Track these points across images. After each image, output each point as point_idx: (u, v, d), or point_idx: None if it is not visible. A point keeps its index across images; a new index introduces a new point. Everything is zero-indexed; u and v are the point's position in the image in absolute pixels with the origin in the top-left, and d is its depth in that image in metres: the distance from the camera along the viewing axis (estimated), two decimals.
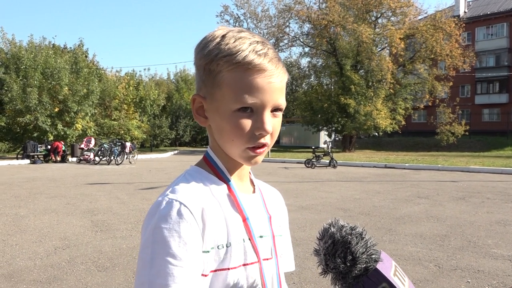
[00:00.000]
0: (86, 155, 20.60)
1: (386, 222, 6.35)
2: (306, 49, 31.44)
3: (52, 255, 4.69)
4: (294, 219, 6.51)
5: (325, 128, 29.60)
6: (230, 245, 0.74)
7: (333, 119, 27.39)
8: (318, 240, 0.72)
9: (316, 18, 26.74)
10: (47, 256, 4.68)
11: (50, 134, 22.57)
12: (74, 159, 21.55)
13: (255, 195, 0.85)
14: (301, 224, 6.21)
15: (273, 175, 13.75)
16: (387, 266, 0.69)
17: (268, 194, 0.90)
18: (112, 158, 19.37)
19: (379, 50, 29.23)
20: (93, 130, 25.53)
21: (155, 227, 0.68)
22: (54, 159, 20.61)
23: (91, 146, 21.56)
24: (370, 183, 11.42)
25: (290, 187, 10.58)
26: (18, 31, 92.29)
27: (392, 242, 5.22)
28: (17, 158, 20.62)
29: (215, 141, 0.80)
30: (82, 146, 21.67)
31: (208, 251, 0.71)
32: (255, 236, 0.78)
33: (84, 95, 23.67)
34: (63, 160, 20.86)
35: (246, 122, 0.73)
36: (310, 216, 6.83)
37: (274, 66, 0.74)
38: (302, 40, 30.66)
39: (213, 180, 0.79)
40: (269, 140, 0.76)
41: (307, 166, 16.92)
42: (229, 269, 0.73)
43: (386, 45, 28.60)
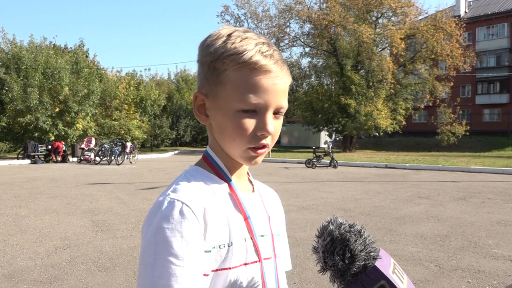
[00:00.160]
0: (87, 155, 20.61)
1: (386, 222, 6.35)
2: (307, 49, 31.45)
3: (52, 255, 4.69)
4: (295, 219, 6.51)
5: (325, 128, 29.61)
6: (232, 244, 0.73)
7: (333, 119, 27.40)
8: (316, 237, 0.72)
9: (316, 18, 26.74)
10: (48, 256, 4.68)
11: (51, 134, 22.60)
12: (75, 159, 21.56)
13: (255, 194, 0.85)
14: (301, 224, 6.21)
15: (273, 175, 13.75)
16: (386, 263, 0.69)
17: (265, 194, 0.90)
18: (112, 158, 19.38)
19: (380, 50, 29.23)
20: (93, 130, 25.54)
21: (157, 227, 0.67)
22: (55, 159, 20.63)
23: (92, 146, 21.57)
24: (370, 183, 11.42)
25: (291, 187, 10.58)
26: (18, 31, 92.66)
27: (392, 242, 5.22)
28: (17, 158, 20.65)
29: (215, 140, 0.79)
30: (83, 146, 21.69)
31: (209, 251, 0.71)
32: (257, 235, 0.78)
33: (84, 95, 23.69)
34: (64, 160, 20.89)
35: (249, 122, 0.73)
36: (311, 216, 6.83)
37: (279, 68, 0.74)
38: (302, 40, 30.66)
39: (213, 179, 0.78)
40: (270, 141, 0.76)
41: (308, 166, 16.92)
42: (230, 268, 0.73)
43: (387, 45, 28.59)
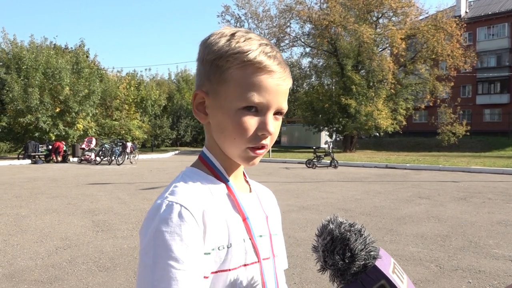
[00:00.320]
0: (87, 155, 20.61)
1: (387, 223, 6.35)
2: (307, 49, 31.45)
3: (53, 255, 4.70)
4: (295, 219, 6.51)
5: (326, 128, 29.61)
6: (231, 245, 0.73)
7: (334, 119, 27.40)
8: (316, 236, 0.72)
9: (317, 18, 26.74)
10: (48, 256, 4.68)
11: (52, 134, 22.62)
12: (75, 159, 21.57)
13: (252, 194, 0.85)
14: (302, 224, 6.21)
15: (274, 175, 13.75)
16: (386, 263, 0.69)
17: (262, 193, 0.90)
18: (113, 158, 19.38)
19: (380, 50, 29.22)
20: (94, 130, 25.56)
21: (156, 230, 0.66)
22: (55, 159, 20.64)
23: (92, 146, 21.57)
24: (371, 183, 11.41)
25: (291, 187, 10.58)
26: (19, 31, 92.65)
27: (393, 242, 5.22)
28: (18, 158, 20.66)
29: (213, 139, 0.79)
30: (83, 146, 21.69)
31: (209, 253, 0.70)
32: (255, 235, 0.77)
33: (85, 95, 23.71)
34: (64, 160, 20.90)
35: (250, 121, 0.73)
36: (311, 216, 6.83)
37: (283, 69, 0.75)
38: (303, 40, 30.66)
39: (211, 180, 0.78)
40: (269, 141, 0.76)
41: (308, 166, 16.91)
42: (229, 270, 0.72)
43: (387, 45, 28.57)
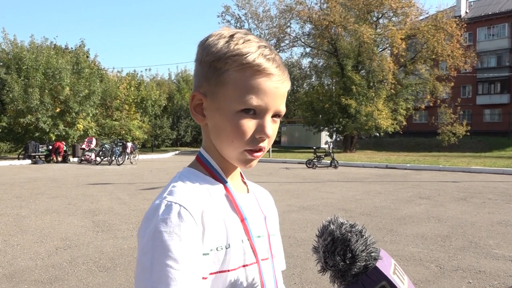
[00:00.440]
0: (88, 156, 20.62)
1: (387, 223, 6.34)
2: (307, 49, 31.49)
3: (53, 255, 4.70)
4: (295, 220, 6.51)
5: (326, 128, 29.62)
6: (229, 246, 0.72)
7: (334, 120, 27.40)
8: (317, 237, 0.71)
9: (317, 18, 26.75)
10: (48, 256, 4.68)
11: (52, 135, 22.62)
12: (76, 160, 21.58)
13: (250, 195, 0.85)
14: (302, 224, 6.21)
15: (274, 175, 13.75)
16: (387, 264, 0.69)
17: (260, 194, 0.90)
18: (113, 158, 19.38)
19: (380, 50, 29.23)
20: (94, 130, 25.57)
21: (155, 231, 0.66)
22: (56, 160, 20.65)
23: (93, 146, 21.58)
24: (371, 184, 11.41)
25: (291, 188, 10.58)
26: (19, 32, 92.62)
27: (393, 242, 5.21)
28: (18, 159, 20.67)
29: (210, 141, 0.79)
30: (84, 146, 21.69)
31: (207, 254, 0.70)
32: (253, 236, 0.77)
33: (85, 96, 23.72)
34: (65, 160, 20.90)
35: (248, 123, 0.72)
36: (311, 216, 6.82)
37: (281, 72, 0.75)
38: (303, 40, 30.68)
39: (209, 181, 0.78)
40: (266, 144, 0.75)
41: (308, 166, 16.91)
42: (228, 271, 0.72)
43: (387, 45, 28.59)
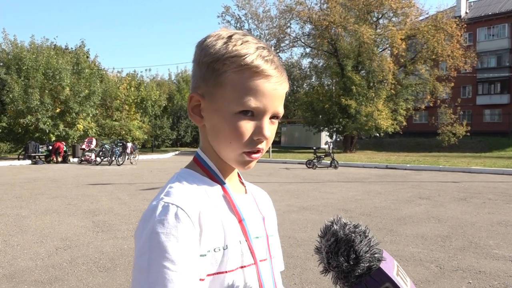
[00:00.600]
0: (88, 156, 20.62)
1: (387, 223, 6.34)
2: (307, 49, 31.49)
3: (53, 256, 4.70)
4: (295, 220, 6.51)
5: (326, 128, 29.62)
6: (227, 247, 0.72)
7: (334, 120, 27.40)
8: (319, 237, 0.71)
9: (317, 18, 26.75)
10: (48, 256, 4.68)
11: (52, 135, 22.63)
12: (76, 160, 21.58)
13: (248, 196, 0.84)
14: (302, 224, 6.21)
15: (274, 176, 13.75)
16: (390, 266, 0.68)
17: (258, 195, 0.90)
18: (113, 158, 19.37)
19: (380, 50, 29.23)
20: (94, 130, 25.58)
21: (152, 232, 0.65)
22: (56, 160, 20.64)
23: (93, 146, 21.58)
24: (371, 184, 11.41)
25: (291, 188, 10.57)
26: (20, 32, 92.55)
27: (393, 242, 5.21)
28: (18, 159, 20.68)
29: (208, 142, 0.78)
30: (84, 146, 21.69)
31: (205, 255, 0.69)
32: (251, 237, 0.77)
33: (85, 96, 23.72)
34: (65, 160, 20.90)
35: (246, 125, 0.72)
36: (311, 216, 6.82)
37: (280, 74, 0.74)
38: (303, 40, 30.69)
39: (206, 181, 0.77)
40: (264, 146, 0.75)
41: (308, 166, 16.91)
42: (226, 272, 0.72)
43: (387, 45, 28.59)
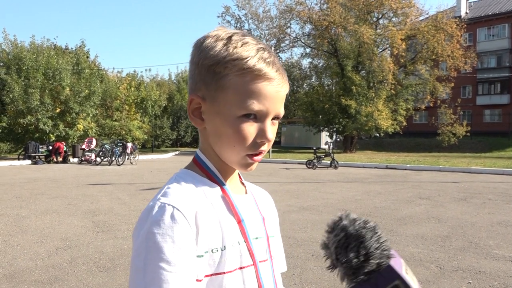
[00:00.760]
0: (88, 156, 20.62)
1: (387, 223, 6.34)
2: (307, 50, 31.51)
3: (53, 256, 4.70)
4: (295, 220, 6.51)
5: (326, 128, 29.63)
6: (225, 248, 0.72)
7: (334, 120, 27.41)
8: (327, 233, 0.70)
9: (317, 19, 26.76)
10: (48, 256, 4.68)
11: (52, 135, 22.63)
12: (76, 160, 21.58)
13: (248, 196, 0.84)
14: (302, 225, 6.21)
15: (274, 176, 13.75)
16: (399, 263, 0.67)
17: (259, 195, 0.89)
18: (113, 158, 19.37)
19: (380, 51, 29.24)
20: (94, 130, 25.58)
21: (148, 233, 0.66)
22: (56, 160, 20.64)
23: (93, 146, 21.58)
24: (371, 184, 11.41)
25: (291, 188, 10.57)
26: (20, 32, 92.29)
27: (393, 243, 5.21)
28: (18, 159, 20.68)
29: (208, 143, 0.78)
30: (84, 146, 21.70)
31: (202, 256, 0.69)
32: (250, 238, 0.76)
33: (85, 96, 23.73)
34: (65, 160, 20.90)
35: (250, 128, 0.72)
36: (311, 217, 6.82)
37: (281, 76, 0.74)
38: (303, 41, 30.70)
39: (205, 182, 0.77)
40: (266, 147, 0.76)
41: (308, 166, 16.91)
42: (224, 273, 0.71)
43: (387, 46, 28.60)
